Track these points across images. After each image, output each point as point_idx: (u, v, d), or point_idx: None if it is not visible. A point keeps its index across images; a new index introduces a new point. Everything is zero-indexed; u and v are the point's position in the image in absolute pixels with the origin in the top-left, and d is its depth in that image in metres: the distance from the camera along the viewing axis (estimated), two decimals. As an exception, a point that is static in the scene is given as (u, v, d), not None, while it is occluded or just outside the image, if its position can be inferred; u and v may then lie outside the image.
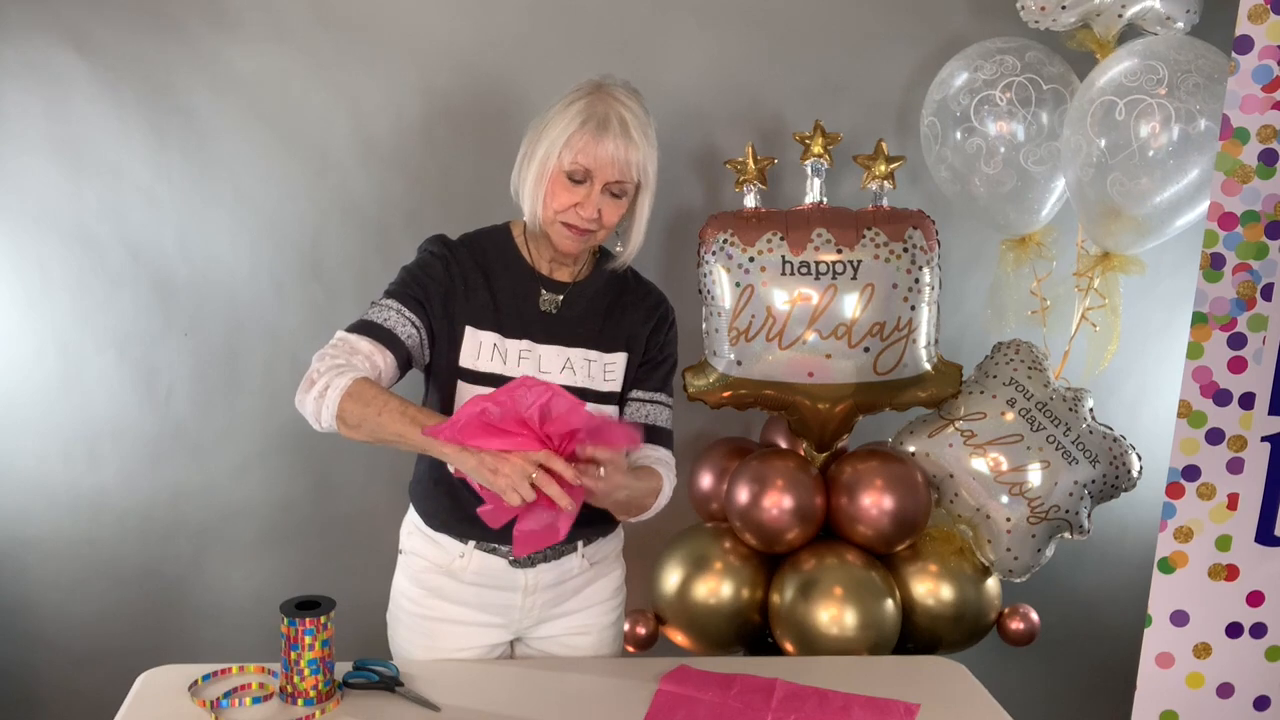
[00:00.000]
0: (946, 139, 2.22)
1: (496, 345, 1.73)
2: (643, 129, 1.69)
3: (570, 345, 1.76)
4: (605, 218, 1.70)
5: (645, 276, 1.90)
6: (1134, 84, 2.00)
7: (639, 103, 1.71)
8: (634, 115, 1.68)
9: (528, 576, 1.78)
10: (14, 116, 2.29)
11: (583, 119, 1.66)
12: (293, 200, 2.38)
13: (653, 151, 1.71)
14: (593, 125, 1.65)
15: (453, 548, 1.78)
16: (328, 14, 2.31)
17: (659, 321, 1.84)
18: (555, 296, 1.77)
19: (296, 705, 1.60)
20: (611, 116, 1.66)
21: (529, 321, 1.75)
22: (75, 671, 2.51)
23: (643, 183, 1.72)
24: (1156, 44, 2.05)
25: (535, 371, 1.73)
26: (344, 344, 1.67)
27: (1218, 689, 1.66)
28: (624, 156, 1.66)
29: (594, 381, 1.76)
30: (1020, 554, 2.19)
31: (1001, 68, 2.16)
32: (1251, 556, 1.62)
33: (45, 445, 2.42)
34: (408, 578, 1.83)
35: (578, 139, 1.66)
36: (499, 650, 1.85)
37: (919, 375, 2.22)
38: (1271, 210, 1.54)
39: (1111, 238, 2.15)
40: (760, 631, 2.22)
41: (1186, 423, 1.60)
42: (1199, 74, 1.97)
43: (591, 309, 1.79)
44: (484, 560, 1.77)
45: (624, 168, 1.67)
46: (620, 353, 1.79)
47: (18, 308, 2.37)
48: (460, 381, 1.72)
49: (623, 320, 1.80)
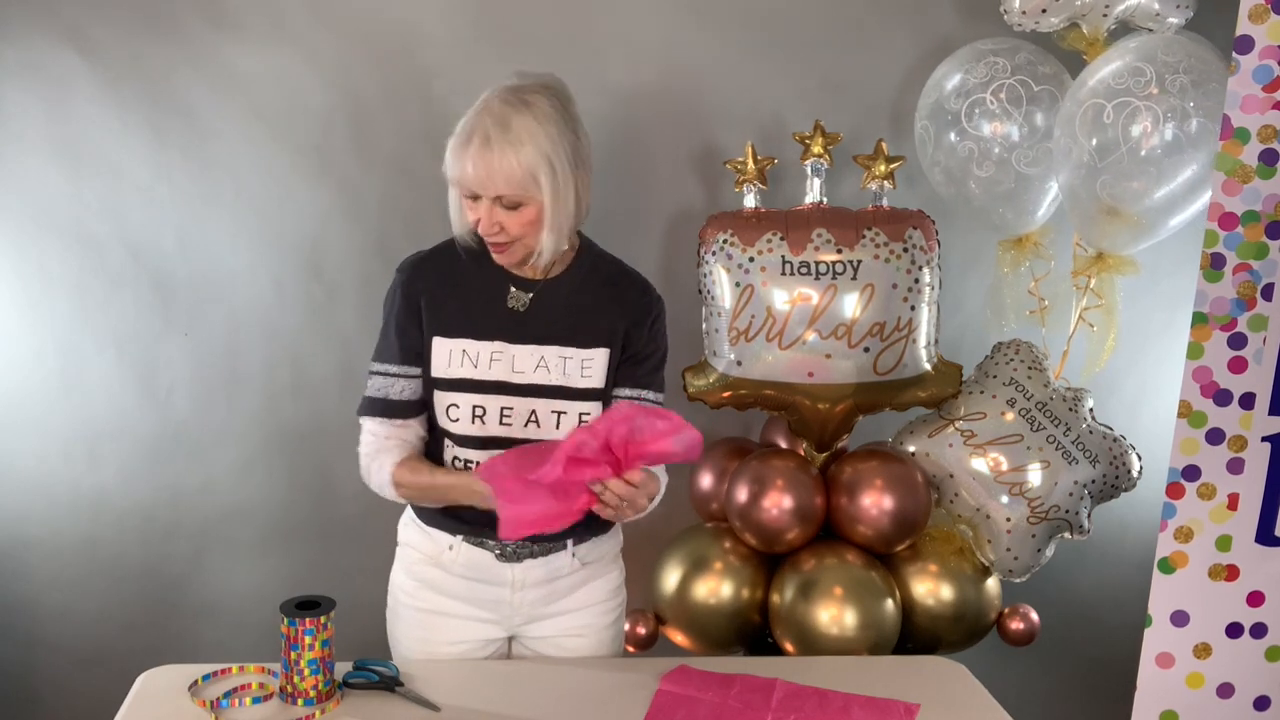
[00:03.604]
0: (940, 141, 2.22)
1: (466, 350, 1.72)
2: (520, 135, 1.58)
3: (544, 343, 1.74)
4: (510, 229, 1.65)
5: (638, 270, 1.85)
6: (1121, 85, 1.99)
7: (524, 104, 1.61)
8: (503, 125, 1.59)
9: (515, 571, 1.78)
10: (14, 116, 2.29)
11: (456, 135, 1.63)
12: (293, 200, 2.38)
13: (539, 152, 1.59)
14: (460, 141, 1.61)
15: (442, 540, 1.80)
16: (328, 14, 2.31)
17: (640, 315, 1.78)
18: (524, 294, 1.74)
19: (296, 705, 1.60)
20: (475, 132, 1.60)
21: (500, 322, 1.74)
22: (75, 671, 2.51)
23: (536, 187, 1.61)
24: (1146, 44, 2.05)
25: (509, 371, 1.72)
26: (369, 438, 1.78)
27: (1218, 689, 1.66)
28: (486, 171, 1.59)
29: (570, 379, 1.74)
30: (1020, 554, 2.19)
31: (993, 69, 2.16)
32: (1252, 557, 1.62)
33: (45, 445, 2.43)
34: (403, 570, 1.86)
35: (451, 156, 1.63)
36: (494, 647, 1.85)
37: (919, 375, 2.22)
38: (1272, 210, 1.54)
39: (1105, 239, 2.15)
40: (760, 631, 2.22)
41: (1187, 423, 1.60)
42: (1189, 73, 1.97)
43: (567, 305, 1.75)
44: (471, 553, 1.78)
45: (489, 181, 1.60)
46: (599, 348, 1.76)
47: (18, 308, 2.37)
48: (436, 390, 1.74)
49: (601, 315, 1.76)
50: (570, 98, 1.70)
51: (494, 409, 1.71)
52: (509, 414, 1.72)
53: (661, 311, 1.83)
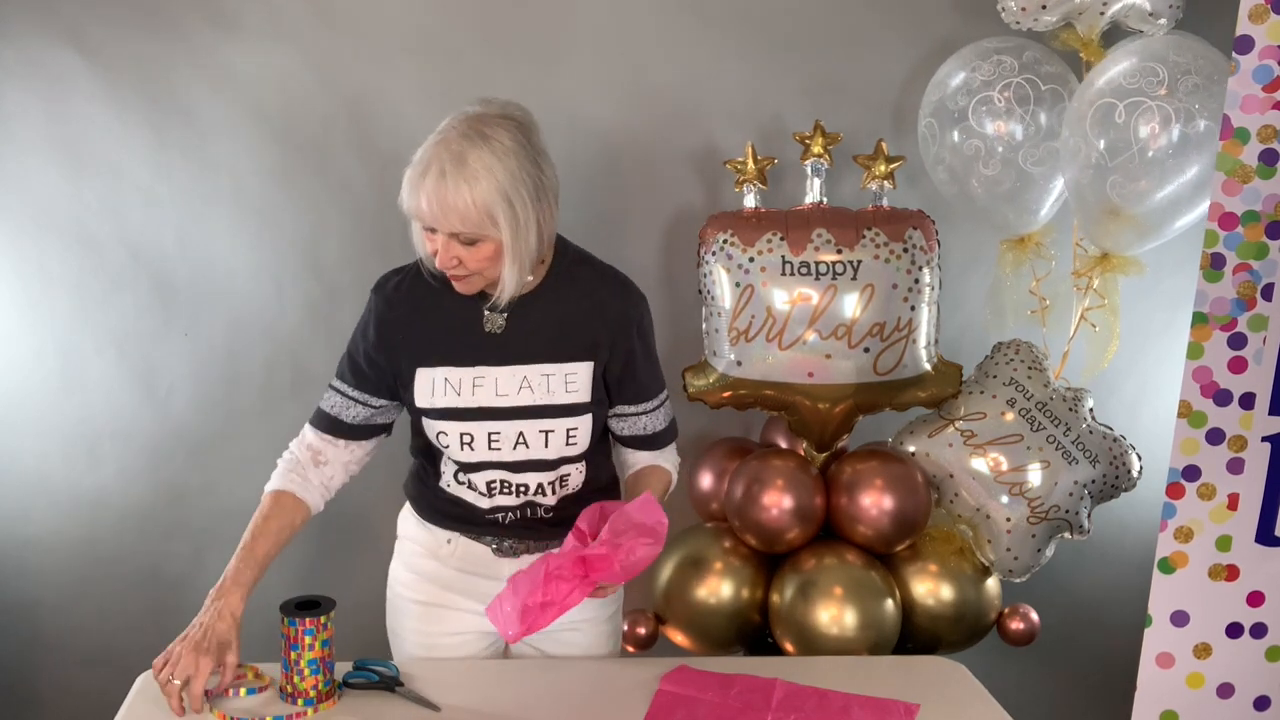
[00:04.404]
0: (944, 139, 2.22)
1: (448, 379, 1.71)
2: (476, 172, 1.52)
3: (525, 363, 1.70)
4: (468, 264, 1.59)
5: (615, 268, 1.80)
6: (1133, 85, 1.99)
7: (482, 138, 1.54)
8: (459, 160, 1.52)
9: (512, 566, 1.79)
10: (14, 116, 2.29)
11: (413, 165, 1.57)
12: (293, 200, 2.38)
13: (496, 190, 1.53)
14: (417, 173, 1.55)
15: (440, 534, 1.82)
16: (328, 14, 2.31)
17: (623, 323, 1.74)
18: (499, 316, 1.70)
19: (296, 705, 1.60)
20: (431, 165, 1.53)
21: (478, 346, 1.71)
22: (75, 671, 2.51)
23: (493, 225, 1.55)
24: (1155, 44, 2.05)
25: (493, 396, 1.70)
26: (304, 447, 1.79)
27: (1218, 689, 1.66)
28: (440, 208, 1.53)
29: (554, 395, 1.71)
30: (1020, 554, 2.19)
31: (999, 68, 2.16)
32: (1252, 557, 1.62)
33: (45, 445, 2.43)
34: (401, 563, 1.88)
35: (407, 187, 1.57)
36: (491, 640, 1.86)
37: (919, 375, 2.22)
38: (1272, 210, 1.54)
39: (1110, 238, 2.15)
40: (760, 631, 2.22)
41: (1187, 423, 1.60)
42: (1199, 74, 1.97)
43: (544, 321, 1.71)
44: (469, 546, 1.80)
45: (443, 218, 1.54)
46: (583, 362, 1.72)
47: (18, 308, 2.37)
48: (424, 418, 1.74)
49: (582, 327, 1.72)
50: (534, 127, 1.62)
51: (481, 435, 1.71)
52: (496, 438, 1.71)
53: (645, 309, 1.79)
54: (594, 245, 1.91)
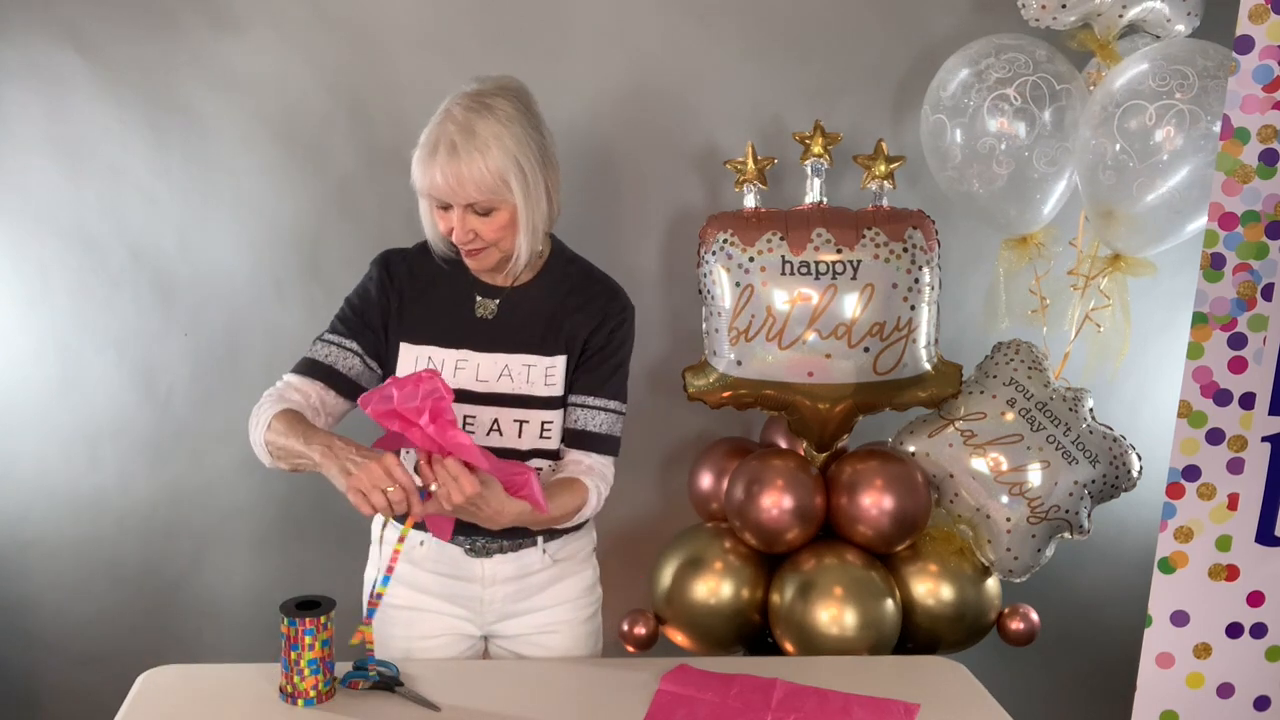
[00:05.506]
0: (948, 137, 2.22)
1: (431, 358, 1.73)
2: (486, 140, 1.59)
3: (509, 351, 1.74)
4: (484, 235, 1.65)
5: (611, 276, 1.83)
6: (1150, 87, 1.98)
7: (486, 108, 1.61)
8: (468, 131, 1.59)
9: (485, 567, 1.80)
10: (14, 116, 2.29)
11: (421, 145, 1.63)
12: (293, 200, 2.38)
13: (506, 155, 1.60)
14: (426, 152, 1.62)
15: (412, 536, 1.81)
16: (328, 14, 2.31)
17: (601, 321, 1.77)
18: (491, 302, 1.75)
19: (296, 705, 1.60)
20: (441, 140, 1.60)
21: (467, 330, 1.74)
22: (75, 671, 2.51)
23: (507, 190, 1.62)
24: (1172, 47, 2.04)
25: (473, 380, 1.72)
26: (286, 386, 1.72)
27: (1218, 689, 1.66)
28: (455, 179, 1.59)
29: (534, 387, 1.74)
30: (1020, 554, 2.19)
31: (1008, 66, 2.14)
32: (1252, 557, 1.62)
33: (45, 445, 2.43)
34: (375, 568, 1.88)
35: (418, 167, 1.63)
36: (469, 644, 1.86)
37: (919, 375, 2.22)
38: (1272, 210, 1.54)
39: (1122, 240, 2.15)
40: (760, 631, 2.22)
41: (1187, 423, 1.59)
42: (1215, 77, 1.96)
43: (535, 312, 1.76)
44: (442, 548, 1.80)
45: (459, 189, 1.60)
46: (561, 355, 1.76)
47: (18, 308, 2.37)
48: None
49: (566, 322, 1.76)
50: (531, 97, 1.69)
51: (456, 418, 1.71)
52: (471, 422, 1.73)
53: (627, 319, 1.81)
54: (594, 245, 1.92)
